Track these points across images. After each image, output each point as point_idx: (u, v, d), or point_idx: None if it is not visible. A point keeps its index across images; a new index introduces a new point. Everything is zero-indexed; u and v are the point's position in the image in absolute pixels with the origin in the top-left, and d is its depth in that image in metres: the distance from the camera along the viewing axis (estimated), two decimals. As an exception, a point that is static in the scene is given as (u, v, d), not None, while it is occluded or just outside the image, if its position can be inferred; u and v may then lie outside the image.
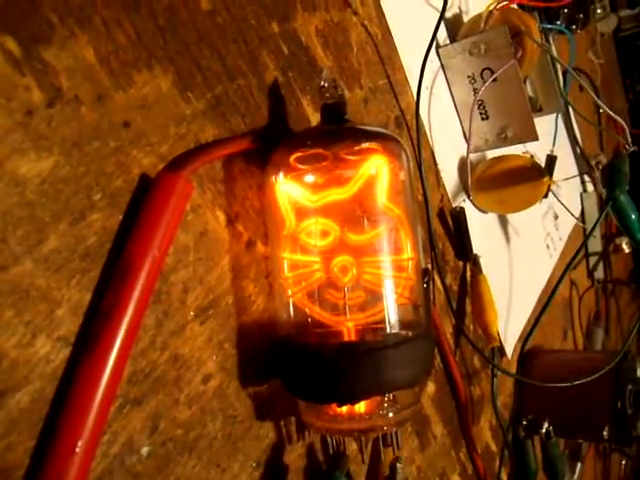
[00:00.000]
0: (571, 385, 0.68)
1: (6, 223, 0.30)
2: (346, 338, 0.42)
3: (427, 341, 0.44)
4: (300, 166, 0.42)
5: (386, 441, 0.44)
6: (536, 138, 0.72)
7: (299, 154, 0.42)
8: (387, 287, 0.42)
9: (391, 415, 0.43)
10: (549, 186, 0.76)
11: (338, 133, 0.44)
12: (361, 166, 0.42)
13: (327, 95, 0.45)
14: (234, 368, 0.42)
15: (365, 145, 0.43)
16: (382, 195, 0.43)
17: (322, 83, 0.45)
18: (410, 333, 0.42)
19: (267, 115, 0.47)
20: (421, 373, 0.43)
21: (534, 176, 0.74)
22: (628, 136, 0.68)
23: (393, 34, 0.66)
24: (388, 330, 0.42)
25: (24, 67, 0.32)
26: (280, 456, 0.45)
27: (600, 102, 0.72)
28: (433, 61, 0.72)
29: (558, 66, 0.85)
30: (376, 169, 0.42)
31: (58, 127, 0.33)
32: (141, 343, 0.36)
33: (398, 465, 0.46)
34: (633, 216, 0.65)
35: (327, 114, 0.45)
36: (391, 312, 0.42)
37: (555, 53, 0.84)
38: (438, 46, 0.73)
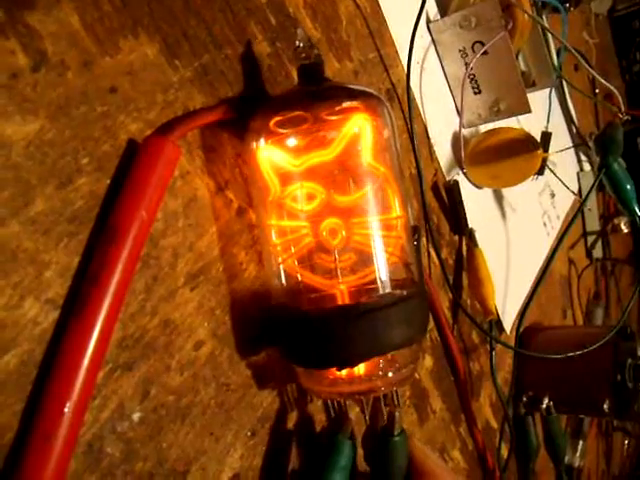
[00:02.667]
0: (570, 357, 0.68)
1: (-9, 185, 0.30)
2: (340, 301, 0.42)
3: (421, 299, 0.43)
4: (280, 130, 0.41)
5: (386, 400, 0.44)
6: (529, 110, 0.72)
7: (278, 118, 0.41)
8: (377, 247, 0.42)
9: (390, 375, 0.42)
10: (544, 160, 0.76)
11: (317, 94, 0.43)
12: (343, 126, 0.41)
13: (303, 55, 0.44)
14: (226, 335, 0.42)
15: (346, 104, 0.42)
16: (366, 154, 0.42)
17: (297, 43, 0.44)
18: (404, 292, 0.42)
19: (255, 84, 0.47)
20: (417, 331, 0.43)
21: (528, 148, 0.74)
22: (622, 105, 0.68)
23: (382, 7, 0.65)
24: (381, 290, 0.41)
25: (8, 31, 0.32)
26: (276, 424, 0.45)
27: (594, 73, 0.71)
28: (424, 36, 0.72)
29: (551, 42, 0.84)
30: (359, 128, 0.42)
31: (44, 91, 0.33)
32: (130, 308, 0.36)
33: (396, 414, 0.45)
34: (628, 186, 0.65)
35: (304, 75, 0.44)
36: (383, 272, 0.41)
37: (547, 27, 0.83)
38: (429, 21, 0.73)
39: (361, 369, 0.43)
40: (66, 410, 0.30)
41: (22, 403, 0.31)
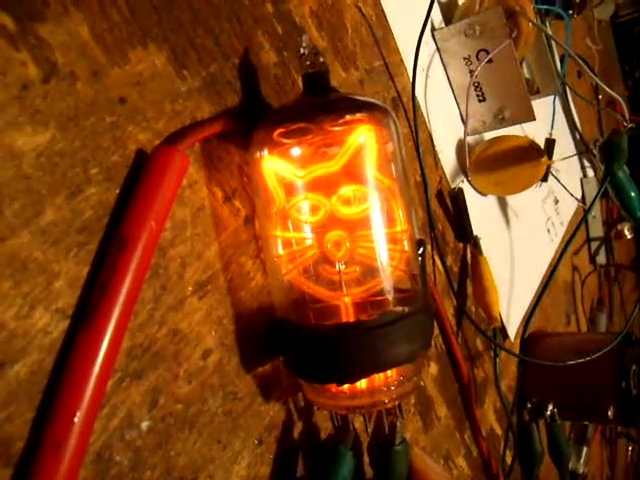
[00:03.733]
0: (574, 363, 0.68)
1: (3, 196, 0.30)
2: (343, 314, 0.42)
3: (425, 314, 0.43)
4: (284, 140, 0.41)
5: (389, 412, 0.44)
6: (533, 118, 0.72)
7: (282, 129, 0.41)
8: (382, 261, 0.41)
9: (393, 389, 0.42)
10: (548, 167, 0.76)
11: (322, 106, 0.42)
12: (348, 137, 0.41)
13: (307, 63, 0.43)
14: (234, 344, 0.42)
15: (350, 116, 0.41)
16: (371, 166, 0.42)
17: (302, 50, 0.43)
18: (407, 308, 0.41)
19: (262, 93, 0.47)
20: (420, 347, 0.42)
21: (532, 156, 0.74)
22: (626, 114, 0.68)
23: (387, 16, 0.66)
24: (385, 304, 0.41)
25: (19, 42, 0.32)
26: (283, 433, 0.45)
27: (598, 80, 0.71)
28: (429, 44, 0.73)
29: (555, 50, 0.85)
30: (364, 140, 0.41)
31: (54, 102, 0.33)
32: (139, 317, 0.36)
33: (398, 424, 0.45)
34: (632, 194, 0.65)
35: (309, 85, 0.43)
36: (387, 286, 0.41)
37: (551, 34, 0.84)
38: (434, 29, 0.73)
39: (363, 384, 0.42)
40: (76, 419, 0.30)
41: (32, 412, 0.31)
